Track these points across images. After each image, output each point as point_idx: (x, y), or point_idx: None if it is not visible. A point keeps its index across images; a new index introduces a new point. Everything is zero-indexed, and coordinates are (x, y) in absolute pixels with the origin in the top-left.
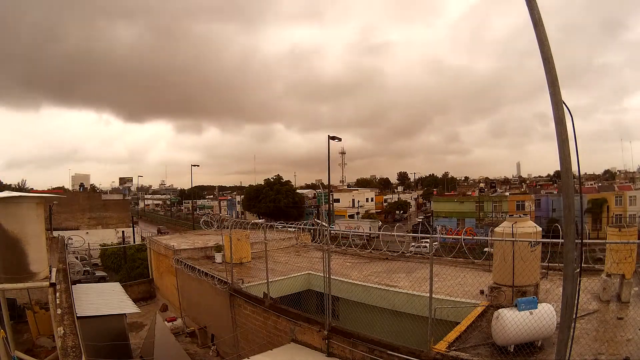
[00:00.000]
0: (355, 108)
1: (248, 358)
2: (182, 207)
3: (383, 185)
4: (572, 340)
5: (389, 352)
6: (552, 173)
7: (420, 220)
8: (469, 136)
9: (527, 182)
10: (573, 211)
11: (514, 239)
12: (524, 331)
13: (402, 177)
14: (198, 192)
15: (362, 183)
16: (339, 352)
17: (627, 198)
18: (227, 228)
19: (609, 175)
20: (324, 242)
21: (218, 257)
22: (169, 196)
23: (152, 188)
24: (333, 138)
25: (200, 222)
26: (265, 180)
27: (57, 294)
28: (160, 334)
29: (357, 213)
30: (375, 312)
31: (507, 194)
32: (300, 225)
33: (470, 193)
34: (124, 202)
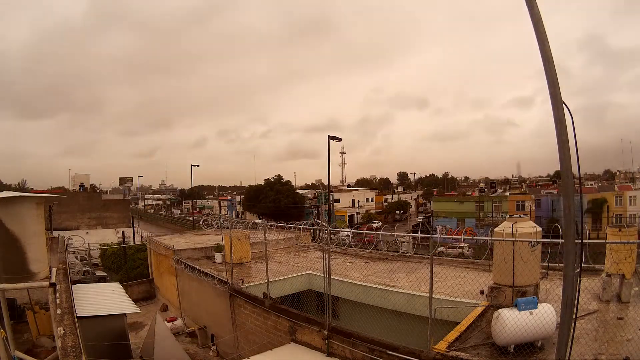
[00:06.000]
0: None
1: (248, 358)
2: (182, 207)
3: (383, 185)
4: (572, 340)
5: (389, 352)
6: (552, 173)
7: (421, 220)
8: None
9: (527, 182)
10: (573, 211)
11: (514, 239)
12: (524, 331)
13: (402, 177)
14: (198, 191)
15: (362, 183)
16: (339, 352)
17: (627, 198)
18: (227, 228)
19: (609, 175)
20: (324, 242)
21: (218, 257)
22: (169, 196)
23: (152, 188)
24: (333, 138)
25: (201, 222)
26: (265, 180)
27: (57, 294)
28: (160, 334)
29: (357, 213)
30: (375, 312)
31: (507, 194)
32: (300, 225)
33: (470, 193)
34: (124, 202)
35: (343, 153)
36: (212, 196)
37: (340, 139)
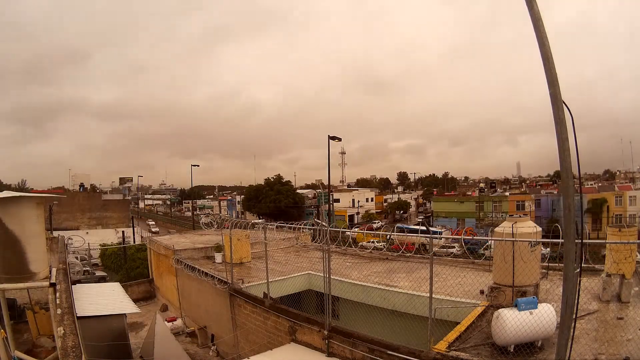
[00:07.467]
0: None
1: (248, 358)
2: (182, 207)
3: (383, 185)
4: (572, 340)
5: (389, 352)
6: (552, 173)
7: (421, 220)
8: None
9: (527, 182)
10: (573, 211)
11: (514, 239)
12: (524, 331)
13: (402, 177)
14: (198, 192)
15: (362, 183)
16: (339, 352)
17: (627, 198)
18: (227, 228)
19: (609, 175)
20: (324, 242)
21: (218, 257)
22: (169, 196)
23: (152, 188)
24: (333, 138)
25: (201, 222)
26: (265, 180)
27: (57, 294)
28: (160, 334)
29: (357, 213)
30: (375, 312)
31: (507, 194)
32: (300, 225)
33: (470, 193)
34: (124, 202)
35: (343, 153)
36: (212, 196)
37: (340, 139)
